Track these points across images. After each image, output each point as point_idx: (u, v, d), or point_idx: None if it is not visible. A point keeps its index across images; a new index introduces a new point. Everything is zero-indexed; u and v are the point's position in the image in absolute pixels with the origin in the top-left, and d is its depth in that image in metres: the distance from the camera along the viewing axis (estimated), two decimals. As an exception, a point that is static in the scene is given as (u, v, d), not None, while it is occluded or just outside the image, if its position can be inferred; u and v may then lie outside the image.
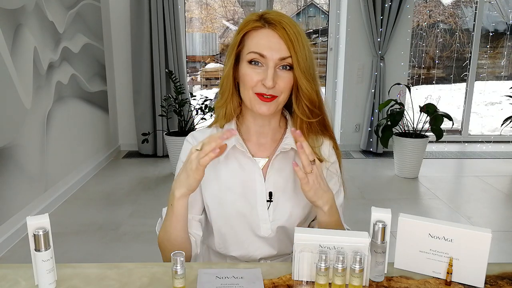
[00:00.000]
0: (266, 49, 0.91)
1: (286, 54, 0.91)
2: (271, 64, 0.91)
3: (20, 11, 2.48)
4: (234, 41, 0.97)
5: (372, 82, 4.26)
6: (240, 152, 1.01)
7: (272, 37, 0.92)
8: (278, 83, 0.93)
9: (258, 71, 0.93)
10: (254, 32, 0.94)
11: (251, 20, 0.94)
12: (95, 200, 3.10)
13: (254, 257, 1.03)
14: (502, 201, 3.21)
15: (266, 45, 0.92)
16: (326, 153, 1.04)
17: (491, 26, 4.85)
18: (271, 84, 0.91)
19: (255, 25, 0.93)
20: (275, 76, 0.92)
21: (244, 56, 0.95)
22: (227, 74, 0.98)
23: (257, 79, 0.93)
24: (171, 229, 0.94)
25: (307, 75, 0.93)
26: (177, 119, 3.87)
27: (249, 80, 0.93)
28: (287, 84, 0.94)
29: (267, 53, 0.91)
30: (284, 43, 0.91)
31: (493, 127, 5.12)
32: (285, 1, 5.07)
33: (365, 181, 3.60)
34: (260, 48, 0.92)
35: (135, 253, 2.31)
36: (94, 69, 3.72)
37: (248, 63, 0.94)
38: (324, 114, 1.02)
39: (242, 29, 0.95)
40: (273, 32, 0.92)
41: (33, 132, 2.62)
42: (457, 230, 0.82)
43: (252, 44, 0.93)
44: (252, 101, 0.95)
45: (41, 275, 0.78)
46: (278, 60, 0.92)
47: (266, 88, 0.92)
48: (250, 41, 0.94)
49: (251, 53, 0.93)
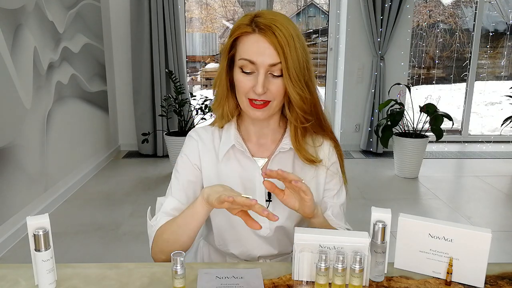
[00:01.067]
0: (256, 56, 0.90)
1: (276, 60, 0.90)
2: (261, 71, 0.90)
3: (20, 11, 2.48)
4: (226, 44, 0.96)
5: (372, 82, 4.26)
6: (240, 152, 1.01)
7: (261, 43, 0.90)
8: (269, 88, 0.92)
9: (249, 78, 0.92)
10: (245, 37, 0.92)
11: (243, 24, 0.93)
12: (95, 200, 3.10)
13: (253, 255, 1.04)
14: (502, 201, 3.21)
15: (256, 51, 0.90)
16: (326, 153, 1.04)
17: (491, 26, 4.84)
18: (261, 91, 0.90)
19: (246, 30, 0.92)
20: (266, 82, 0.91)
21: (236, 62, 0.94)
22: (219, 76, 0.98)
23: (249, 86, 0.92)
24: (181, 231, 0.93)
25: (297, 82, 0.91)
26: (177, 119, 3.87)
27: (241, 86, 0.93)
28: (279, 90, 0.93)
29: (257, 59, 0.90)
30: (273, 48, 0.89)
31: (493, 127, 5.12)
32: (285, 1, 5.07)
33: (365, 181, 3.60)
34: (250, 54, 0.91)
35: (135, 253, 2.31)
36: (94, 69, 3.72)
37: (240, 70, 0.93)
38: (319, 117, 1.01)
39: (233, 33, 0.94)
40: (262, 38, 0.90)
41: (33, 132, 2.62)
42: (457, 230, 0.82)
43: (243, 51, 0.92)
44: (246, 107, 0.95)
45: (41, 275, 0.78)
46: (269, 66, 0.90)
47: (257, 95, 0.92)
48: (241, 46, 0.93)
49: (242, 60, 0.92)
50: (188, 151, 1.05)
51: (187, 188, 1.02)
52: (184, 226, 0.92)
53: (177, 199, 1.01)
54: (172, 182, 1.05)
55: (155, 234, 0.98)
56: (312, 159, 1.00)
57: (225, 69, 0.97)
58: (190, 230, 0.92)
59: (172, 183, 1.04)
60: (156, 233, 0.98)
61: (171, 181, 1.05)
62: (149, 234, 1.01)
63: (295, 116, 0.97)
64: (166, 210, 1.00)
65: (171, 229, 0.95)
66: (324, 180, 1.04)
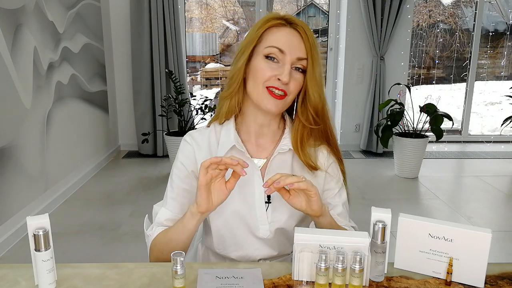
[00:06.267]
0: (286, 46, 0.93)
1: (304, 55, 0.93)
2: (288, 61, 0.93)
3: (20, 11, 2.48)
4: (253, 36, 0.96)
5: (372, 82, 4.26)
6: (238, 153, 1.01)
7: (293, 36, 0.93)
8: (290, 82, 0.93)
9: (273, 66, 0.93)
10: (275, 28, 0.95)
11: (273, 18, 0.95)
12: (95, 200, 3.10)
13: (253, 258, 1.03)
14: (502, 201, 3.21)
15: (287, 43, 0.93)
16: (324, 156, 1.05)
17: (491, 26, 4.84)
18: (287, 79, 0.92)
19: (277, 22, 0.94)
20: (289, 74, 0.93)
21: (260, 50, 0.95)
22: (239, 68, 0.97)
23: (271, 74, 0.93)
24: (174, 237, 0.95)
25: (318, 81, 0.95)
26: (177, 119, 3.87)
27: (262, 74, 0.93)
28: (297, 85, 0.95)
29: (287, 49, 0.92)
30: (303, 44, 0.93)
31: (493, 127, 5.12)
32: (285, 1, 5.07)
33: (365, 181, 3.60)
34: (280, 44, 0.93)
35: (135, 253, 2.31)
36: (94, 69, 3.72)
37: (264, 57, 0.94)
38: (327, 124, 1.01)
39: (263, 24, 0.95)
40: (295, 32, 0.94)
41: (33, 132, 2.62)
42: (457, 230, 0.82)
43: (273, 39, 0.94)
44: (261, 95, 0.95)
45: (41, 275, 0.78)
46: (296, 59, 0.93)
47: (280, 83, 0.93)
48: (270, 36, 0.94)
49: (270, 47, 0.93)
50: (183, 157, 1.04)
51: (182, 197, 1.02)
52: (176, 240, 0.94)
53: (170, 210, 1.02)
54: (167, 190, 1.05)
55: (151, 245, 1.00)
56: (311, 165, 1.00)
57: (246, 60, 0.96)
58: (182, 243, 0.95)
59: (167, 191, 1.05)
60: (151, 244, 1.00)
61: (166, 188, 1.05)
62: (146, 242, 1.03)
63: (306, 116, 0.98)
64: (160, 221, 1.02)
65: (164, 241, 0.96)
66: (323, 181, 1.04)
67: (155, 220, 1.03)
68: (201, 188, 0.87)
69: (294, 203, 0.90)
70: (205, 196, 0.88)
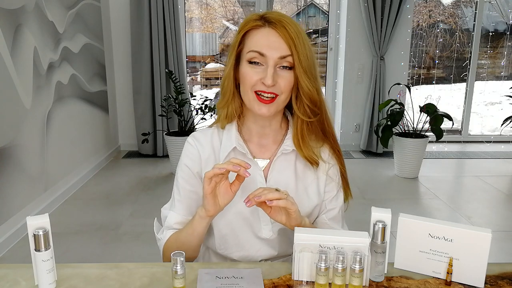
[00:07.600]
0: (265, 48, 0.91)
1: (287, 53, 0.91)
2: (271, 63, 0.91)
3: (20, 11, 2.48)
4: (235, 40, 0.96)
5: (372, 82, 4.26)
6: (241, 154, 1.01)
7: (272, 36, 0.91)
8: (278, 82, 0.92)
9: (258, 70, 0.92)
10: (254, 31, 0.93)
11: (251, 20, 0.94)
12: (95, 200, 3.10)
13: (254, 258, 1.03)
14: (502, 201, 3.21)
15: (266, 44, 0.91)
16: (325, 156, 1.05)
17: (491, 26, 4.84)
18: (271, 82, 0.90)
19: (255, 24, 0.93)
20: (275, 75, 0.92)
21: (244, 56, 0.94)
22: (227, 75, 0.98)
23: (257, 78, 0.92)
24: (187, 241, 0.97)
25: (308, 73, 0.93)
26: (177, 119, 3.87)
27: (248, 79, 0.93)
28: (288, 83, 0.93)
29: (267, 51, 0.91)
30: (284, 41, 0.91)
31: (493, 127, 5.12)
32: (285, 1, 5.07)
33: (365, 181, 3.60)
34: (259, 47, 0.91)
35: (135, 253, 2.31)
36: (94, 69, 3.72)
37: (248, 63, 0.93)
38: (324, 114, 1.01)
39: (242, 28, 0.95)
40: (273, 31, 0.91)
41: (33, 132, 2.62)
42: (457, 230, 0.82)
43: (252, 43, 0.93)
44: (252, 101, 0.94)
45: (41, 275, 0.78)
46: (278, 59, 0.91)
47: (266, 86, 0.91)
48: (250, 40, 0.94)
49: (251, 52, 0.92)
50: (187, 160, 1.04)
51: (189, 198, 1.03)
52: (187, 243, 0.97)
53: (178, 213, 1.03)
54: (173, 193, 1.06)
55: (163, 248, 1.02)
56: (314, 159, 1.00)
57: (232, 66, 0.96)
58: (194, 245, 0.97)
59: (173, 194, 1.06)
60: (163, 248, 1.02)
61: (173, 191, 1.06)
62: (158, 245, 1.05)
63: (303, 110, 0.97)
64: (169, 225, 1.03)
65: (176, 246, 0.98)
66: (324, 182, 1.04)
67: (165, 224, 1.04)
68: (207, 197, 0.89)
69: (274, 217, 0.91)
70: (212, 202, 0.90)
